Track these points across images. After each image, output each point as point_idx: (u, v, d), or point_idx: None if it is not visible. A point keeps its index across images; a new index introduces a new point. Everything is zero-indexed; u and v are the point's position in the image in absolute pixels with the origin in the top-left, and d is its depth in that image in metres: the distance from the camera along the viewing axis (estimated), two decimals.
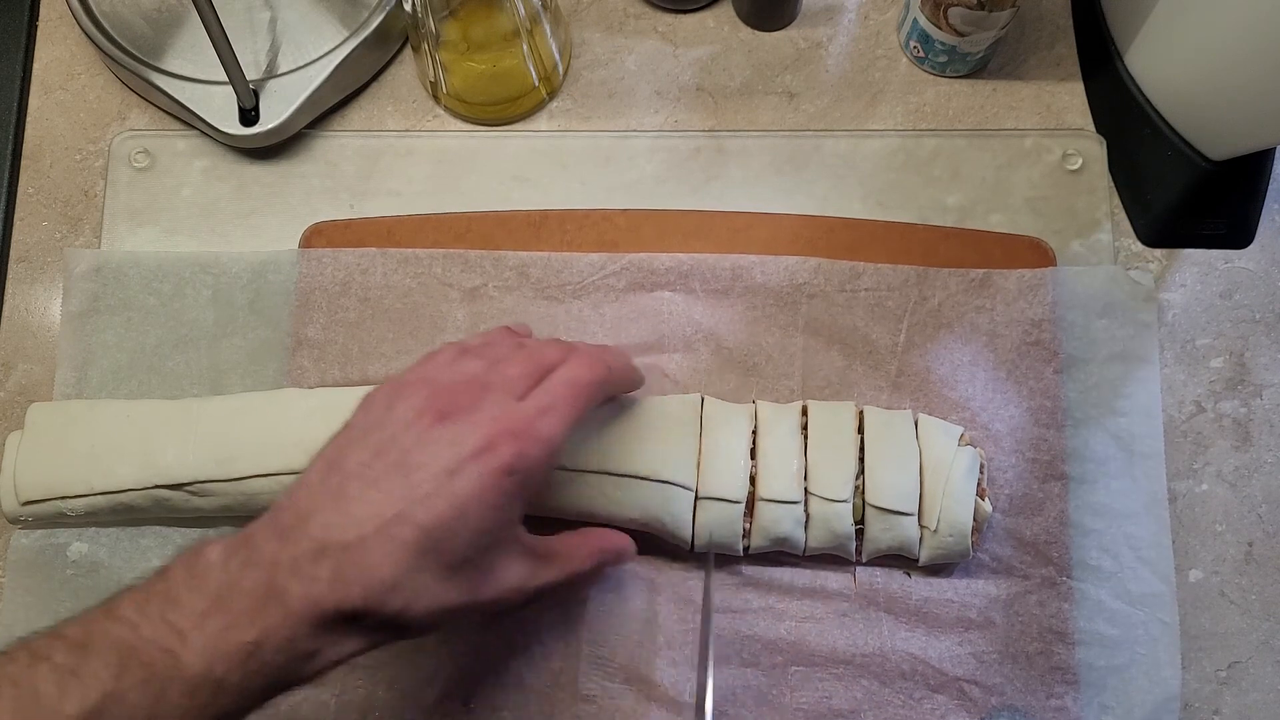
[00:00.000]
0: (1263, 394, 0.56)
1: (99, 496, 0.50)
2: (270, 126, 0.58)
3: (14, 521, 0.52)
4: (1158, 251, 0.58)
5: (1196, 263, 0.58)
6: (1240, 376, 0.56)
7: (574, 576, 0.45)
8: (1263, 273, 0.58)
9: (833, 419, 0.51)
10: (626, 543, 0.48)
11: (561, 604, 0.52)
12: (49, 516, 0.51)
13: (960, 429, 0.51)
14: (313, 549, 0.37)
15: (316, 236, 0.58)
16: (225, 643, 0.35)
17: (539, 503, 0.49)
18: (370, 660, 0.52)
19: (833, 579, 0.52)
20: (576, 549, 0.45)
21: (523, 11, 0.55)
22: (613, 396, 0.49)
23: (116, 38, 0.60)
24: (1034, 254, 0.56)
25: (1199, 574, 0.54)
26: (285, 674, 0.37)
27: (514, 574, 0.42)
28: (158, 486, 0.50)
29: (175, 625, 0.35)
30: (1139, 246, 0.58)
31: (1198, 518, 0.54)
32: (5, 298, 0.59)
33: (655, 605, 0.52)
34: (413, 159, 0.60)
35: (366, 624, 0.38)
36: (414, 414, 0.40)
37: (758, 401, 0.52)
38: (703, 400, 0.51)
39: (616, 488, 0.49)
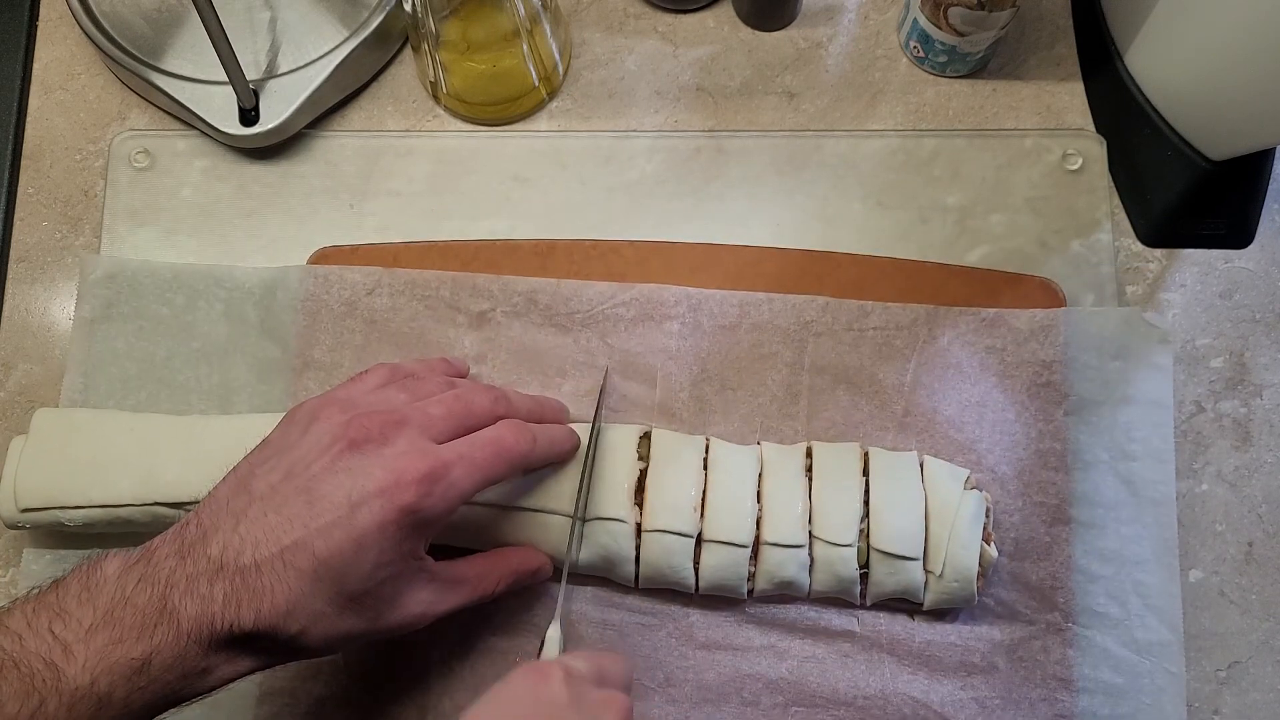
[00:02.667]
0: (1263, 394, 0.56)
1: (96, 509, 0.49)
2: (270, 126, 0.58)
3: (12, 527, 0.51)
4: (1158, 251, 0.58)
5: (1196, 263, 0.58)
6: (1240, 376, 0.56)
7: (485, 599, 0.45)
8: (1263, 273, 0.58)
9: (837, 461, 0.50)
10: (540, 561, 0.48)
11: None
12: (47, 525, 0.50)
13: (966, 472, 0.51)
14: (209, 569, 0.37)
15: (323, 262, 0.57)
16: (111, 658, 0.35)
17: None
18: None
19: (835, 619, 0.51)
20: (488, 573, 0.46)
21: (523, 11, 0.54)
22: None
23: (116, 38, 0.60)
24: (1044, 295, 0.55)
25: (1199, 574, 0.54)
26: (175, 690, 0.37)
27: (418, 602, 0.42)
28: (156, 504, 0.49)
29: (61, 638, 0.35)
30: (1139, 246, 0.58)
31: (1198, 518, 0.54)
32: (5, 298, 0.59)
33: (654, 642, 0.51)
34: (413, 159, 0.60)
35: (260, 645, 0.38)
36: (329, 439, 0.41)
37: (763, 443, 0.52)
38: (708, 443, 0.51)
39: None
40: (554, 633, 0.45)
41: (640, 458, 0.50)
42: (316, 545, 0.38)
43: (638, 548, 0.49)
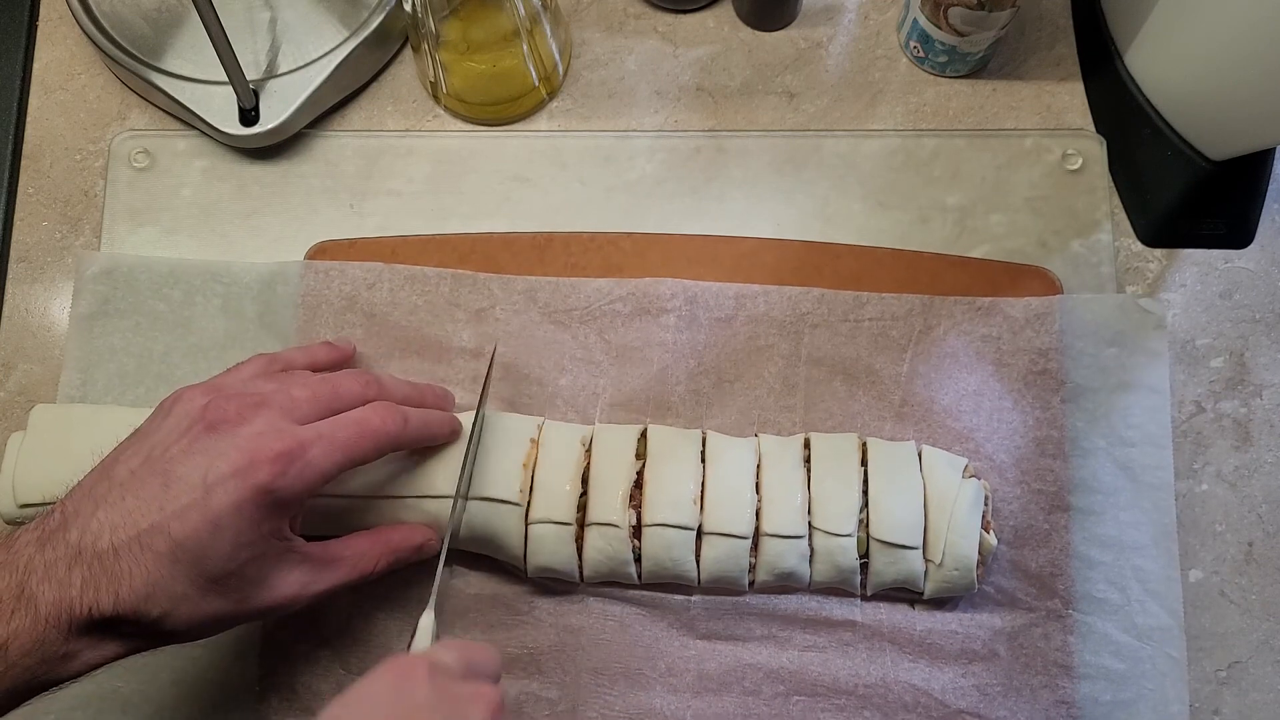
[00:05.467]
0: (1263, 394, 0.56)
1: None
2: (270, 126, 0.58)
3: (11, 523, 0.51)
4: (1158, 251, 0.58)
5: (1196, 263, 0.58)
6: (1240, 376, 0.56)
7: (364, 577, 0.45)
8: (1263, 273, 0.58)
9: (836, 452, 0.50)
10: (424, 537, 0.48)
11: (558, 634, 0.52)
12: None
13: (965, 460, 0.51)
14: (68, 554, 0.38)
15: (320, 255, 0.57)
16: None
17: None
18: None
19: (836, 609, 0.51)
20: (366, 551, 0.46)
21: (523, 11, 0.55)
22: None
23: (116, 38, 0.60)
24: (1040, 284, 0.55)
25: (1199, 574, 0.54)
26: (37, 675, 0.37)
27: (289, 582, 0.42)
28: None
29: None
30: (1139, 246, 0.58)
31: (1198, 518, 0.54)
32: (5, 298, 0.59)
33: (656, 633, 0.51)
34: (413, 159, 0.60)
35: (124, 630, 0.38)
36: (188, 422, 0.41)
37: (760, 435, 0.52)
38: (705, 437, 0.51)
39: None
40: (426, 621, 0.43)
41: (638, 456, 0.50)
42: (173, 527, 0.38)
43: (636, 549, 0.49)
